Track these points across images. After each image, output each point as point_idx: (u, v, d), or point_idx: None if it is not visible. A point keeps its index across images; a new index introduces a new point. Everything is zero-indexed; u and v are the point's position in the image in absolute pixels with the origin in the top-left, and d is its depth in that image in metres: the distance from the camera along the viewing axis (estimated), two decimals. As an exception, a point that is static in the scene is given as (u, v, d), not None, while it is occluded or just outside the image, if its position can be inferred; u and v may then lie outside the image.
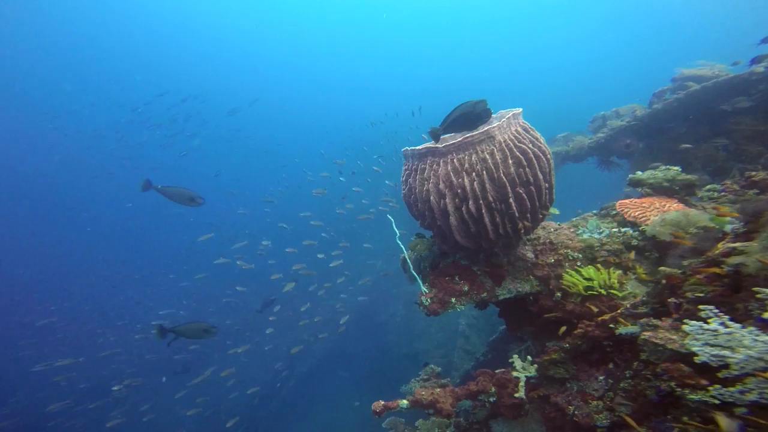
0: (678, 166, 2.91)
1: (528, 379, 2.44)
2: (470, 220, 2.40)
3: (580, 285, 2.20)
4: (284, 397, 12.28)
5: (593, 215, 3.15)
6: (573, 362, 2.17)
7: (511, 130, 2.43)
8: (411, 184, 2.65)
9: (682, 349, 1.25)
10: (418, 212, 2.69)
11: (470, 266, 2.82)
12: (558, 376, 2.25)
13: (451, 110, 2.40)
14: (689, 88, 5.40)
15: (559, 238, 2.77)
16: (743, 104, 4.93)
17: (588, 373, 2.05)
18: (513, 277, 2.73)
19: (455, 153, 2.41)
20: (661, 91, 5.83)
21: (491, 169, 2.30)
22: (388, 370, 11.70)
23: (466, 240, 2.52)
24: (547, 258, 2.69)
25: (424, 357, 10.83)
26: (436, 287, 2.73)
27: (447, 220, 2.49)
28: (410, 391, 4.87)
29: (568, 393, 2.17)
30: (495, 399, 2.48)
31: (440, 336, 11.21)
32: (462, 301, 2.68)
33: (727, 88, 4.92)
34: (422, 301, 2.71)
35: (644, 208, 2.56)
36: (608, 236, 2.66)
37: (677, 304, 1.38)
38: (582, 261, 2.61)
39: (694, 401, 1.20)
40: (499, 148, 2.33)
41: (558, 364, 2.22)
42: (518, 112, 2.52)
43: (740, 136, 4.65)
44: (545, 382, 2.38)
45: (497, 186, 2.32)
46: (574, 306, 2.31)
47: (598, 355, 2.02)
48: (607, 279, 2.13)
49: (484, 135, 2.34)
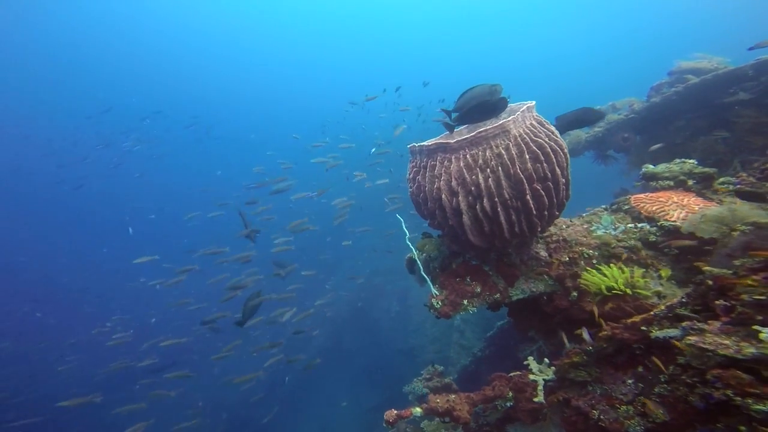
0: (692, 159, 2.84)
1: (545, 382, 2.35)
2: (484, 218, 2.28)
3: (602, 284, 2.10)
4: (279, 396, 12.16)
5: (604, 210, 3.08)
6: (596, 365, 2.08)
7: (526, 124, 2.31)
8: (420, 182, 2.52)
9: (739, 355, 1.16)
10: (427, 211, 2.56)
11: (481, 266, 2.71)
12: (579, 380, 2.17)
13: (464, 92, 2.26)
14: (688, 81, 5.37)
15: (572, 236, 2.68)
16: (744, 97, 4.91)
17: (613, 377, 1.97)
18: (526, 277, 2.63)
19: (468, 148, 2.28)
20: (659, 84, 5.80)
21: (507, 165, 2.18)
22: (384, 366, 11.69)
23: (479, 239, 2.41)
24: (562, 256, 2.60)
25: (419, 352, 10.83)
26: (447, 289, 2.62)
27: (459, 220, 2.37)
28: (413, 391, 4.81)
29: (590, 396, 2.08)
30: (512, 404, 2.39)
31: (435, 331, 11.23)
32: (474, 302, 2.57)
33: (727, 81, 4.90)
34: (433, 304, 2.59)
35: (662, 203, 2.48)
36: (624, 232, 2.57)
37: (728, 307, 1.29)
38: (597, 259, 2.53)
39: (761, 412, 1.11)
40: (515, 142, 2.21)
41: (579, 367, 2.13)
42: (531, 105, 2.40)
43: (743, 129, 4.63)
44: (564, 385, 2.29)
45: (513, 183, 2.20)
46: (594, 306, 2.22)
47: (624, 357, 1.94)
48: (632, 278, 2.04)
49: (499, 129, 2.21)
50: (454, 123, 2.27)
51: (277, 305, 8.02)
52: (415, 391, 4.61)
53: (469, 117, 2.27)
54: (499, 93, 2.38)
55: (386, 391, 10.57)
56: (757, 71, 4.68)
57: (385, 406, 2.50)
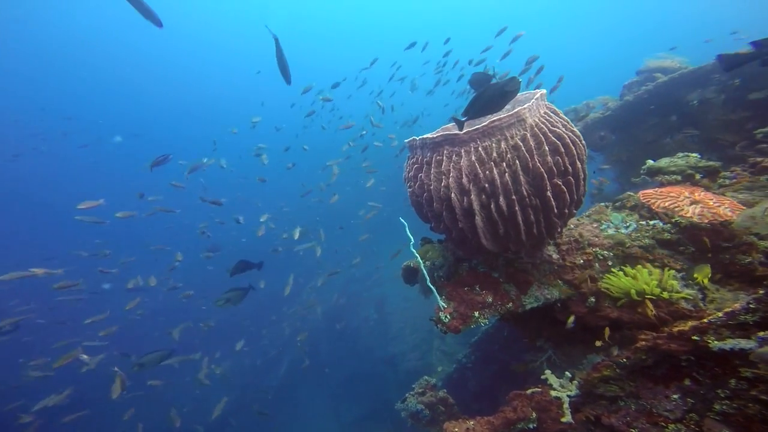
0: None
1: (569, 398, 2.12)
2: (500, 219, 2.03)
3: (631, 289, 1.91)
4: (257, 410, 11.39)
5: (606, 207, 2.94)
6: (629, 378, 1.87)
7: (540, 113, 2.09)
8: (423, 180, 2.23)
9: None
10: (432, 213, 2.27)
11: (490, 273, 2.46)
12: (609, 394, 1.95)
13: (478, 94, 2.01)
14: (657, 79, 5.54)
15: (584, 236, 2.49)
16: (709, 95, 5.11)
17: (653, 391, 1.77)
18: (539, 283, 2.41)
19: (480, 140, 2.02)
20: (630, 82, 5.95)
21: (525, 158, 1.94)
22: (364, 376, 11.29)
23: (492, 243, 2.15)
24: (575, 258, 2.40)
25: (400, 360, 10.54)
26: (455, 300, 2.33)
27: (471, 222, 2.10)
28: (407, 407, 4.48)
29: (624, 413, 1.87)
30: (536, 425, 2.14)
31: (415, 337, 11.04)
32: (486, 314, 2.31)
33: (694, 80, 5.07)
34: (440, 318, 2.30)
35: (674, 198, 2.36)
36: (636, 231, 2.42)
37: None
38: (613, 260, 2.36)
39: None
40: (532, 132, 1.98)
41: (611, 381, 1.92)
42: (543, 93, 2.20)
43: (711, 126, 4.79)
44: (591, 400, 2.08)
45: (532, 178, 1.97)
46: (621, 313, 2.03)
47: (663, 369, 1.74)
48: (664, 281, 1.86)
49: (514, 117, 1.97)
50: (465, 120, 2.00)
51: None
52: (409, 407, 4.28)
53: (478, 113, 2.01)
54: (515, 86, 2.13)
55: (369, 402, 10.17)
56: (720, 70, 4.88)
57: (368, 417, 2.16)
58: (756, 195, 2.49)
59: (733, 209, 2.15)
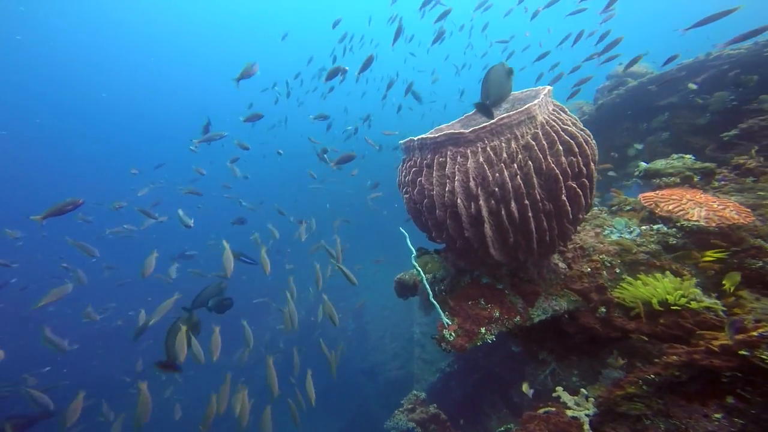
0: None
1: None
2: (511, 227, 1.84)
3: (652, 298, 1.77)
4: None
5: (601, 211, 2.86)
6: (657, 395, 1.73)
7: (549, 110, 1.94)
8: (423, 185, 2.01)
9: None
10: (433, 221, 2.05)
11: (494, 284, 2.27)
12: (633, 413, 1.80)
13: (485, 77, 1.81)
14: (628, 84, 5.70)
15: (588, 242, 2.37)
16: (674, 100, 5.30)
17: (687, 409, 1.63)
18: (546, 294, 2.25)
19: (488, 139, 1.83)
20: (603, 87, 6.08)
21: (538, 159, 1.77)
22: (344, 387, 10.87)
23: (501, 253, 1.96)
24: (582, 267, 2.26)
25: (380, 370, 10.25)
26: (459, 316, 2.12)
27: (479, 230, 1.89)
28: (397, 426, 4.21)
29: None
30: (553, 453, 1.95)
31: (395, 346, 10.82)
32: (493, 329, 2.11)
33: (662, 84, 5.23)
34: (444, 336, 2.07)
35: (677, 201, 2.29)
36: (641, 236, 2.33)
37: None
38: (620, 267, 2.24)
39: None
40: (543, 131, 1.82)
41: (635, 398, 1.77)
42: (550, 90, 2.05)
43: (681, 130, 4.94)
44: (610, 419, 1.92)
45: (545, 180, 1.80)
46: (638, 324, 1.90)
47: (698, 386, 1.60)
48: (687, 289, 1.74)
49: (524, 114, 1.80)
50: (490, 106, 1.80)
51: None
52: (399, 425, 4.02)
53: (494, 89, 1.82)
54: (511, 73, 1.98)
55: (348, 415, 9.77)
56: (687, 74, 5.07)
57: (347, 430, 1.89)
58: (747, 197, 2.48)
59: (738, 212, 2.09)
